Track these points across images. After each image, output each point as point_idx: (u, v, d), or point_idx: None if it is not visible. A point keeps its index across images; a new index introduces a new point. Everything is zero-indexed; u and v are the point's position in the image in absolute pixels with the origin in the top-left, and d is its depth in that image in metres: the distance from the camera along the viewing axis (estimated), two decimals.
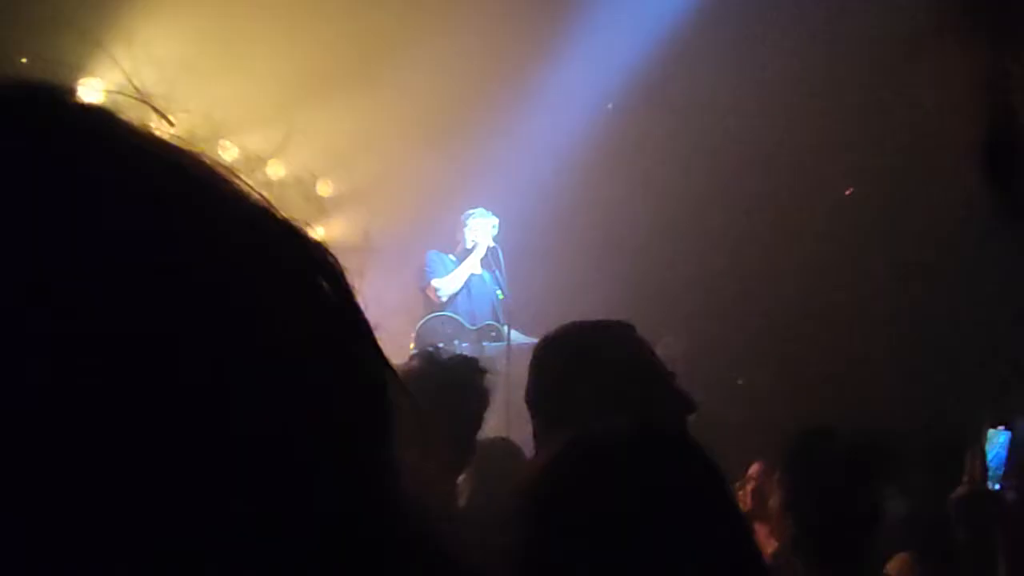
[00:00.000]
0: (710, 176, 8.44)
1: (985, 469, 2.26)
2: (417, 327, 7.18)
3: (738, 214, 8.50)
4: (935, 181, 7.90)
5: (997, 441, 2.24)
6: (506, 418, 6.75)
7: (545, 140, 8.57)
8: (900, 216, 8.11)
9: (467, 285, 7.27)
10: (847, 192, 8.48)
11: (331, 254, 0.64)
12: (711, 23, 8.28)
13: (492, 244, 7.23)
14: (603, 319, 2.26)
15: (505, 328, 7.10)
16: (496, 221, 7.35)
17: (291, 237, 0.63)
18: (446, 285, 7.19)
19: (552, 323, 7.55)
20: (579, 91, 8.64)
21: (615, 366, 2.09)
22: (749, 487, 3.67)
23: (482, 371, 2.72)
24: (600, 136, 8.68)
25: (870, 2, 7.98)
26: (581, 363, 2.11)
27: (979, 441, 2.28)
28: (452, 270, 7.24)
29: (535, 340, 7.83)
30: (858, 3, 7.97)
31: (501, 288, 7.22)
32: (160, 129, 0.65)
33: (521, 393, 2.23)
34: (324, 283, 0.62)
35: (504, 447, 3.52)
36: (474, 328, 7.21)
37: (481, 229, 7.28)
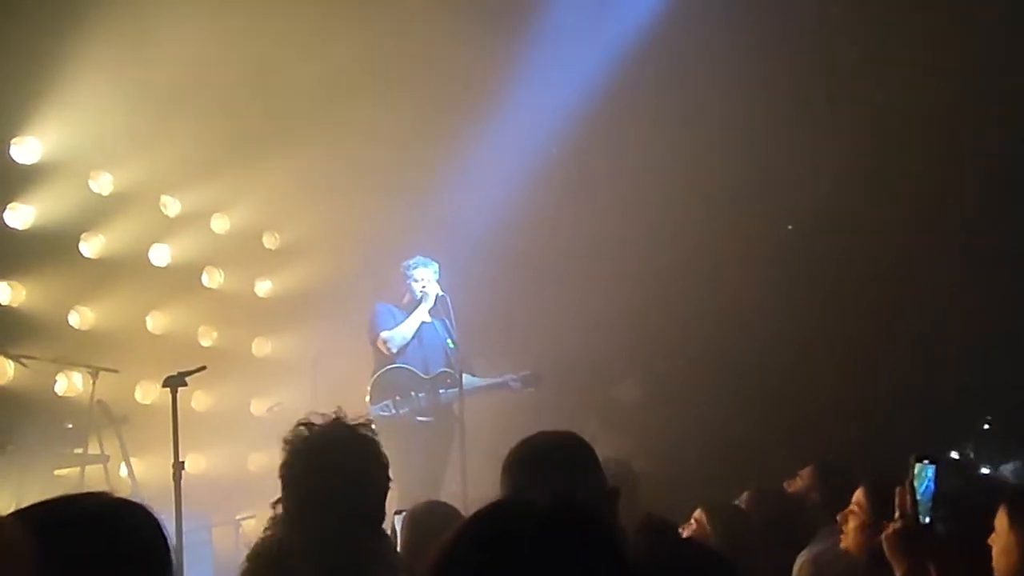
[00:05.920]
0: (664, 217, 8.54)
1: (915, 503, 2.31)
2: (371, 380, 7.15)
3: (692, 255, 8.59)
4: (882, 221, 8.10)
5: (926, 475, 2.29)
6: (462, 460, 6.73)
7: (492, 187, 8.63)
8: (856, 256, 8.27)
9: (419, 334, 7.24)
10: (788, 228, 8.62)
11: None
12: (653, 63, 8.42)
13: (441, 293, 7.22)
14: (558, 431, 2.55)
15: (459, 375, 7.09)
16: (436, 267, 7.34)
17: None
18: (395, 336, 7.16)
19: (506, 367, 7.48)
20: (523, 136, 8.71)
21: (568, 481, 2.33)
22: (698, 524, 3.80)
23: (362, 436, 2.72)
24: (548, 180, 8.75)
25: (808, 40, 8.19)
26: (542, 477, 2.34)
27: (907, 476, 2.33)
28: (401, 321, 7.22)
29: (490, 380, 7.81)
30: (798, 43, 8.18)
31: (452, 337, 7.21)
32: None
33: (477, 436, 2.36)
34: None
35: (437, 509, 3.68)
36: (428, 377, 7.19)
37: (426, 277, 7.27)
